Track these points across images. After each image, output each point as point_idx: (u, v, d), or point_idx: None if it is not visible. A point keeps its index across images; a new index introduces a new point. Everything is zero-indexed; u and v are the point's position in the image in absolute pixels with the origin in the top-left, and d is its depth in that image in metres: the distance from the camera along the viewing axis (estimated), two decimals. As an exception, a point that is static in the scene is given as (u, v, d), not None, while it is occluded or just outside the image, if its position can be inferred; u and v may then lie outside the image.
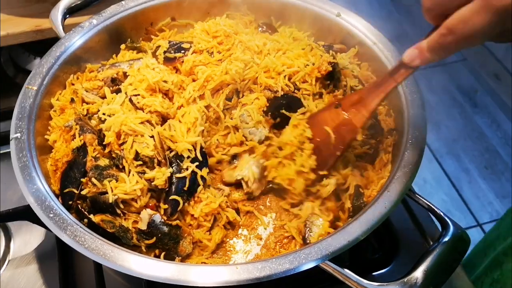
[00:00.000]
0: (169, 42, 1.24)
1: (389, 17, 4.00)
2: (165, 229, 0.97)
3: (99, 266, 1.08)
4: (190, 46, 1.19)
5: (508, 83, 3.36)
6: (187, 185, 1.02)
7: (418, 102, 1.08)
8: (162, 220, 0.98)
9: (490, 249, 1.37)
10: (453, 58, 3.74)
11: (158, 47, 1.23)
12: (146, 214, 0.97)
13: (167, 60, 1.20)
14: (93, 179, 0.97)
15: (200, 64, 1.17)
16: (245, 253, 1.04)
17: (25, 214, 1.02)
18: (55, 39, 1.21)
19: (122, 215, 0.98)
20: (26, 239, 1.16)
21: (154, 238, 0.96)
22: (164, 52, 1.20)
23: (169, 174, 1.00)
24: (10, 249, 1.14)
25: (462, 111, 3.40)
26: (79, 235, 0.85)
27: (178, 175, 1.02)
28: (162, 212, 1.00)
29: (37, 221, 0.90)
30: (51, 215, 0.88)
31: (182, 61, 1.18)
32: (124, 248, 0.86)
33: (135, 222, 0.98)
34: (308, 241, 0.99)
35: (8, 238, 1.16)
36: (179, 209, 1.00)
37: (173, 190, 1.01)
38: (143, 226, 0.97)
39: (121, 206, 0.97)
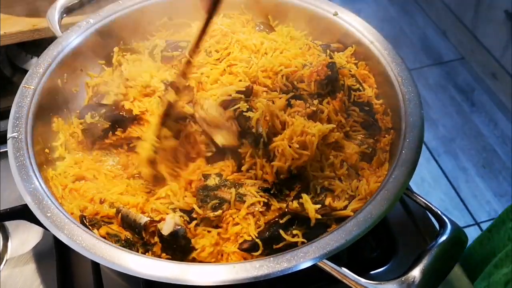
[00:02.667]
0: (166, 41, 1.24)
1: (386, 16, 4.00)
2: (183, 242, 0.93)
3: (97, 265, 1.08)
4: (187, 45, 1.19)
5: (506, 82, 3.37)
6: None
7: (415, 101, 1.08)
8: (185, 233, 0.93)
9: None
10: (451, 57, 3.74)
11: (155, 46, 1.23)
12: (173, 221, 0.93)
13: (165, 59, 1.19)
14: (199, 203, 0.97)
15: (198, 64, 1.17)
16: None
17: (23, 213, 1.02)
18: (52, 39, 1.21)
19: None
20: (24, 238, 1.16)
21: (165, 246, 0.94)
22: (161, 51, 1.20)
23: None
24: (8, 248, 1.14)
25: (459, 110, 3.40)
26: (76, 234, 0.85)
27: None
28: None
29: (34, 220, 0.90)
30: (49, 214, 0.87)
31: (181, 59, 1.17)
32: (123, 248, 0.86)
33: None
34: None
35: (6, 237, 1.16)
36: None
37: None
38: (165, 231, 0.92)
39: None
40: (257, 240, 0.93)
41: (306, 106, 1.10)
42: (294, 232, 0.94)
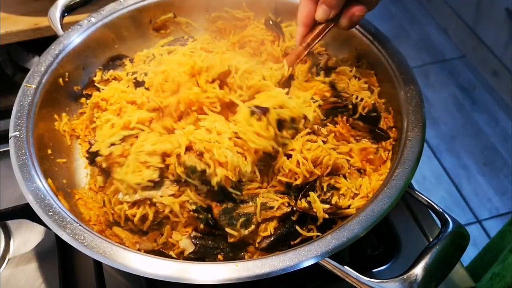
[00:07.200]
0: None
1: (387, 14, 4.00)
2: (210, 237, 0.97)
3: (99, 264, 1.08)
4: None
5: (507, 80, 3.36)
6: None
7: (417, 99, 1.07)
8: (199, 234, 0.97)
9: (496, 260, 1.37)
10: (452, 55, 3.74)
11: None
12: (185, 241, 0.96)
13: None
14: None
15: None
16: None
17: (25, 212, 1.02)
18: (53, 38, 1.20)
19: None
20: (26, 237, 1.16)
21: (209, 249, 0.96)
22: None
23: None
24: (10, 247, 1.14)
25: (460, 108, 3.40)
26: (78, 233, 0.85)
27: None
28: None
29: (36, 219, 0.89)
30: (51, 213, 0.87)
31: None
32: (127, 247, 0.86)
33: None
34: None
35: (8, 236, 1.16)
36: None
37: None
38: (190, 248, 0.95)
39: None
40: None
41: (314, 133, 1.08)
42: (309, 226, 0.96)
